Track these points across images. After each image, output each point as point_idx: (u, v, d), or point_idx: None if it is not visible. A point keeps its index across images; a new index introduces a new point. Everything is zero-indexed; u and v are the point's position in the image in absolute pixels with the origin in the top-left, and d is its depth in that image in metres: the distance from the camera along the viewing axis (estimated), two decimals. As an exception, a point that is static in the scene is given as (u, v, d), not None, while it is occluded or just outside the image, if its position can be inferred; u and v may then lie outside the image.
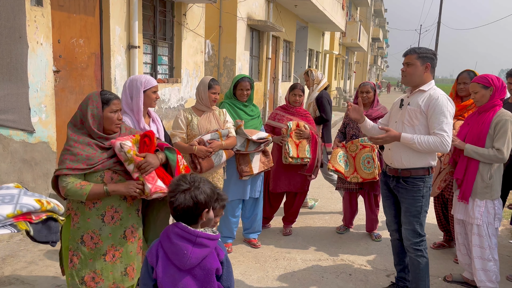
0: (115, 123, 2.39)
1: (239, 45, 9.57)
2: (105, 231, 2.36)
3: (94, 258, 2.35)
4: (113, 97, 2.39)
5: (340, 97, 23.10)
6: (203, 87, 3.55)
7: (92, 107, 2.33)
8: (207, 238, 1.81)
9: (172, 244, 1.80)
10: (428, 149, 2.90)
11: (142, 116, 2.89)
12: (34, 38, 4.14)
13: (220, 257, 1.87)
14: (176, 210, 1.80)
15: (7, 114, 3.92)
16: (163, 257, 1.82)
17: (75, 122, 2.38)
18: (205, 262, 1.81)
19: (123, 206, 2.41)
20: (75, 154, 2.27)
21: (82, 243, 2.34)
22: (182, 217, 1.82)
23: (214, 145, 3.46)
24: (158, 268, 1.82)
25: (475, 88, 3.24)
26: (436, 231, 4.66)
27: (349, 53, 31.48)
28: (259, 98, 11.19)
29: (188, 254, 1.77)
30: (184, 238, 1.79)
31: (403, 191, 3.09)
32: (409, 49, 3.06)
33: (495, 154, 3.10)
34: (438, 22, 26.34)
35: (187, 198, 1.78)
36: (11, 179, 3.96)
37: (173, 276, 1.80)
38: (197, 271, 1.81)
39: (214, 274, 1.83)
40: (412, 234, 3.09)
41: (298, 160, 4.23)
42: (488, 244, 3.21)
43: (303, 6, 12.21)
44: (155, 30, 6.62)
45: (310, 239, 4.50)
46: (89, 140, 2.33)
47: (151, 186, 2.34)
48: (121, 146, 2.32)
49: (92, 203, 2.32)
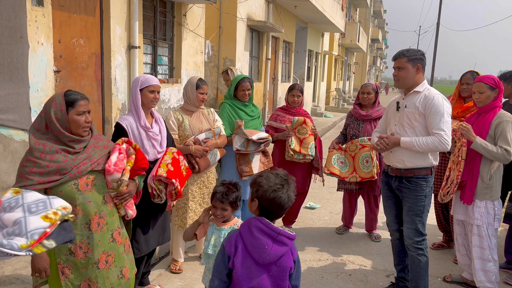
0: (82, 127, 2.21)
1: (239, 45, 9.57)
2: (94, 239, 2.28)
3: (86, 267, 2.28)
4: (79, 98, 2.20)
5: (340, 98, 23.12)
6: (191, 87, 3.54)
7: (55, 109, 2.15)
8: (287, 237, 1.86)
9: (254, 237, 1.84)
10: (428, 149, 2.94)
11: (142, 114, 2.89)
12: (35, 38, 4.14)
13: (294, 256, 1.92)
14: (283, 209, 1.86)
15: (8, 114, 3.92)
16: (242, 249, 1.86)
17: (39, 126, 2.18)
18: (282, 260, 1.86)
19: (106, 209, 2.33)
20: (44, 166, 2.10)
21: (71, 254, 2.25)
22: (273, 214, 1.88)
23: (209, 143, 3.47)
24: (237, 258, 1.86)
25: (481, 88, 3.21)
26: (436, 231, 4.67)
27: (349, 54, 31.50)
28: (258, 98, 11.20)
29: (269, 249, 1.82)
30: (266, 233, 1.84)
31: (406, 191, 3.11)
32: (398, 53, 3.07)
33: (503, 153, 3.08)
34: (437, 23, 26.38)
35: (292, 196, 1.88)
36: (12, 179, 3.96)
37: (249, 268, 1.85)
38: (273, 268, 1.86)
39: (288, 272, 1.88)
40: (414, 233, 3.11)
41: (300, 156, 4.20)
42: (488, 245, 3.22)
43: (303, 7, 12.22)
44: (155, 31, 6.62)
45: (310, 239, 4.51)
46: (56, 147, 2.15)
47: (132, 212, 2.48)
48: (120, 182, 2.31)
49: (74, 214, 2.17)
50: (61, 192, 2.16)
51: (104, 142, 2.40)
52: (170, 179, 2.83)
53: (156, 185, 2.83)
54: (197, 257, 3.91)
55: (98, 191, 2.29)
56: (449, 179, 3.35)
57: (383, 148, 3.09)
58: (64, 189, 2.16)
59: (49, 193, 2.17)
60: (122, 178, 2.32)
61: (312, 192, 5.96)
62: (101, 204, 2.30)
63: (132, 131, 2.86)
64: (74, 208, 2.19)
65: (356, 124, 4.44)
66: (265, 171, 4.02)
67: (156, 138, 2.96)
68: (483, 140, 3.15)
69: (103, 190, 2.32)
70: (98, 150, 2.32)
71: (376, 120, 4.35)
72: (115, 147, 2.37)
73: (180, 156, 3.05)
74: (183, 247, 3.69)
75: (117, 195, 2.36)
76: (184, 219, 3.53)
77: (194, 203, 3.56)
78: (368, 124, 4.36)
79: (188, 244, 4.15)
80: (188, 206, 3.52)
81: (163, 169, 2.83)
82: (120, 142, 2.42)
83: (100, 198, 2.30)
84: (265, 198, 1.84)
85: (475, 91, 3.26)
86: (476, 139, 3.14)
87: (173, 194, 2.93)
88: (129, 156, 2.41)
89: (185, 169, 3.06)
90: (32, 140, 2.15)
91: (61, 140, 2.18)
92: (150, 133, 2.92)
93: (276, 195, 1.83)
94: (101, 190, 2.31)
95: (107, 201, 2.34)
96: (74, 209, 2.19)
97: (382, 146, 3.08)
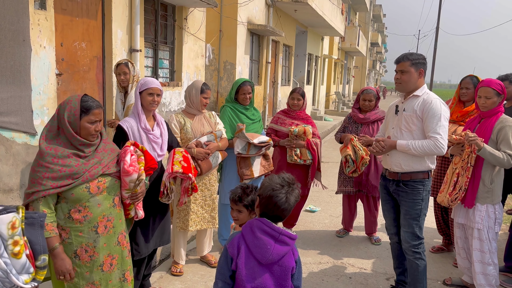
0: (91, 135, 2.22)
1: (239, 49, 9.61)
2: (100, 242, 2.28)
3: (91, 271, 2.28)
4: (94, 106, 2.19)
5: (339, 101, 23.16)
6: (195, 91, 3.56)
7: (69, 113, 2.15)
8: (289, 237, 1.89)
9: (256, 238, 1.86)
10: (424, 153, 2.95)
11: (142, 117, 2.91)
12: (37, 41, 4.17)
13: (295, 256, 1.95)
14: (279, 209, 1.87)
15: (10, 116, 3.94)
16: (245, 250, 1.89)
17: (50, 127, 2.19)
18: (284, 260, 1.89)
19: (114, 212, 2.35)
20: (57, 171, 2.10)
21: (76, 257, 2.24)
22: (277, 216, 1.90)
23: (211, 146, 3.50)
24: (240, 259, 1.88)
25: (489, 93, 3.17)
26: (436, 235, 4.69)
27: (348, 57, 31.57)
28: (258, 102, 11.23)
29: (271, 249, 1.84)
30: (268, 233, 1.87)
31: (403, 194, 3.12)
32: (401, 56, 3.05)
33: (508, 159, 3.06)
34: (437, 27, 26.46)
35: (292, 199, 1.89)
36: (13, 181, 3.98)
37: (252, 269, 1.87)
38: (275, 268, 1.89)
39: (290, 273, 1.91)
40: (411, 237, 3.12)
41: (301, 161, 4.29)
42: (489, 248, 3.23)
43: (303, 11, 12.27)
44: (156, 34, 6.65)
45: (310, 242, 4.52)
46: (67, 152, 2.15)
47: (142, 212, 2.55)
48: (139, 182, 2.37)
49: (82, 216, 2.20)
50: (72, 195, 2.18)
51: (111, 146, 2.44)
52: (186, 173, 2.91)
53: (170, 184, 2.90)
54: (198, 260, 3.92)
55: (109, 193, 2.31)
56: (458, 185, 3.27)
57: (379, 151, 3.10)
58: (75, 192, 2.17)
59: (60, 196, 2.20)
60: (141, 178, 2.37)
61: (312, 195, 5.97)
62: (109, 207, 2.32)
63: (133, 133, 2.88)
64: (83, 210, 2.22)
65: (354, 127, 4.48)
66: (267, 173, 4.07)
67: (156, 141, 2.98)
68: (489, 147, 3.12)
69: (113, 192, 2.35)
70: (107, 153, 2.35)
71: (374, 123, 4.38)
72: (126, 149, 2.40)
73: (188, 155, 3.13)
74: (184, 250, 3.70)
75: (132, 195, 2.41)
76: (186, 221, 3.55)
77: (196, 205, 3.57)
78: (366, 127, 4.39)
79: (189, 247, 4.16)
80: (190, 208, 3.54)
81: (177, 166, 2.90)
82: (128, 145, 2.46)
83: (109, 201, 2.32)
84: (264, 196, 1.89)
85: (482, 96, 3.21)
86: (485, 147, 3.09)
87: (189, 189, 3.01)
88: (138, 157, 2.46)
89: (193, 168, 3.12)
90: (43, 145, 2.14)
91: (72, 144, 2.18)
92: (151, 135, 2.94)
93: (273, 193, 1.87)
94: (111, 193, 2.33)
95: (115, 204, 2.37)
96: (83, 210, 2.22)
97: (378, 149, 3.09)
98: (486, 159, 3.14)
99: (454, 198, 3.29)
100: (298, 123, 4.39)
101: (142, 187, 2.45)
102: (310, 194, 5.03)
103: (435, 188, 4.02)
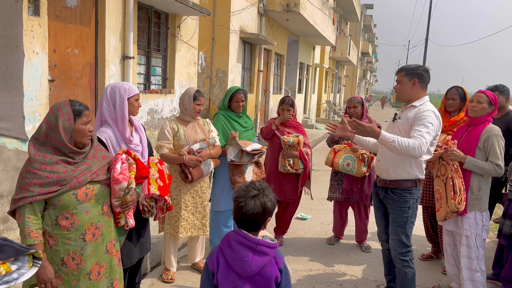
0: (87, 136, 2.25)
1: (232, 57, 9.67)
2: (87, 250, 2.24)
3: (77, 279, 2.24)
4: (83, 108, 2.25)
5: (330, 110, 23.33)
6: (188, 98, 3.57)
7: (63, 119, 2.16)
8: (267, 246, 1.83)
9: (233, 250, 1.82)
10: (406, 150, 2.81)
11: (127, 126, 2.77)
12: (31, 47, 4.17)
13: (279, 265, 1.89)
14: (244, 216, 1.82)
15: (2, 122, 3.92)
16: (223, 264, 1.84)
17: (37, 135, 2.19)
18: (265, 270, 1.84)
19: (103, 220, 2.32)
20: (44, 177, 2.10)
21: (63, 265, 2.21)
22: (247, 224, 1.85)
23: (203, 153, 3.51)
24: (219, 274, 1.84)
25: (481, 98, 3.29)
26: (425, 242, 4.74)
27: (339, 67, 31.86)
28: (250, 110, 11.28)
29: (249, 261, 1.80)
30: (245, 245, 1.82)
31: (390, 202, 3.18)
32: (399, 68, 3.20)
33: (494, 168, 3.16)
34: (426, 38, 26.85)
35: (257, 204, 1.82)
36: (4, 187, 3.95)
37: (233, 282, 1.83)
38: (257, 279, 1.84)
39: (273, 282, 1.86)
40: (398, 244, 3.16)
41: (293, 170, 4.37)
42: (476, 255, 3.29)
43: (294, 20, 12.40)
44: (149, 41, 6.68)
45: (301, 250, 4.54)
46: (56, 158, 2.15)
47: (132, 221, 2.51)
48: (128, 191, 2.34)
49: (70, 223, 2.18)
50: (59, 201, 2.16)
51: (103, 153, 2.41)
52: (163, 196, 2.78)
53: (147, 202, 2.78)
54: (189, 267, 3.91)
55: (97, 201, 2.29)
56: (456, 187, 3.24)
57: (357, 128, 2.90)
58: (62, 198, 2.16)
59: (48, 203, 2.19)
60: (130, 186, 2.35)
61: (303, 202, 6.00)
62: (98, 215, 2.30)
63: (112, 145, 2.72)
64: (71, 217, 2.20)
65: None
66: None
67: (137, 150, 2.84)
68: (473, 158, 3.20)
69: (102, 200, 2.33)
70: (97, 160, 2.33)
71: None
72: (117, 157, 2.38)
73: (163, 165, 2.96)
74: (175, 257, 3.70)
75: (122, 203, 2.39)
76: (176, 227, 3.55)
77: (187, 212, 3.58)
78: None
79: (181, 253, 4.16)
80: (181, 215, 3.54)
81: (154, 186, 2.74)
82: (120, 152, 2.44)
83: (98, 209, 2.30)
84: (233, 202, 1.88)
85: (474, 99, 3.32)
86: (467, 159, 3.18)
87: (164, 208, 2.90)
88: (130, 165, 2.43)
89: (167, 176, 2.98)
90: (32, 151, 2.15)
91: (61, 151, 2.18)
92: (132, 145, 2.80)
93: (237, 200, 1.84)
94: (100, 200, 2.31)
95: (105, 212, 2.34)
96: (71, 217, 2.20)
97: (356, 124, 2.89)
98: (473, 171, 3.23)
99: (460, 199, 3.21)
100: (290, 132, 4.45)
101: (132, 195, 2.42)
102: (301, 201, 5.06)
103: (423, 196, 4.08)
